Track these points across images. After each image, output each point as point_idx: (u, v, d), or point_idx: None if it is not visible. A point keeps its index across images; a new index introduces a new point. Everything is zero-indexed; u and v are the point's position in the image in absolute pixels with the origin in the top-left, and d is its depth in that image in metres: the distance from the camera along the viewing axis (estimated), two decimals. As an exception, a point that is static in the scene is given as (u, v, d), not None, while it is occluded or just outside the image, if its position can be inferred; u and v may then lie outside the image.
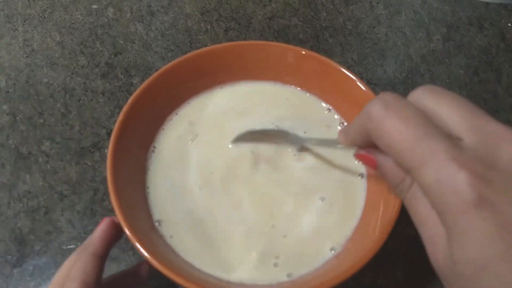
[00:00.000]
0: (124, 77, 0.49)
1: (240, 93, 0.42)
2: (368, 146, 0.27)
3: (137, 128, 0.37)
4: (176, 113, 0.41)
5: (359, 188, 0.37)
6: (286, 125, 0.40)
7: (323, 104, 0.42)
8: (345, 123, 0.40)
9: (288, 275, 0.33)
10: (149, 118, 0.39)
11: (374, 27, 0.53)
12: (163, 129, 0.40)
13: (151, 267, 0.31)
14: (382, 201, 0.34)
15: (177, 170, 0.38)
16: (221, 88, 0.43)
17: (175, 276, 0.29)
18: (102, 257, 0.31)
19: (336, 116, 0.41)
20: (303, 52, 0.40)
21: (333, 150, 0.38)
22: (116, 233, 0.32)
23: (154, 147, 0.39)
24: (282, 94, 0.42)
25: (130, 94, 0.45)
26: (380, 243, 0.31)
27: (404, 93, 0.47)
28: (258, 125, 0.40)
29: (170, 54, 0.50)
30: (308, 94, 0.42)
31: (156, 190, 0.37)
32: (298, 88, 0.42)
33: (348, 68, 0.41)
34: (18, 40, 0.52)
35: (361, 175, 0.37)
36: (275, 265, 0.33)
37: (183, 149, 0.39)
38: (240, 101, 0.42)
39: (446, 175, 0.21)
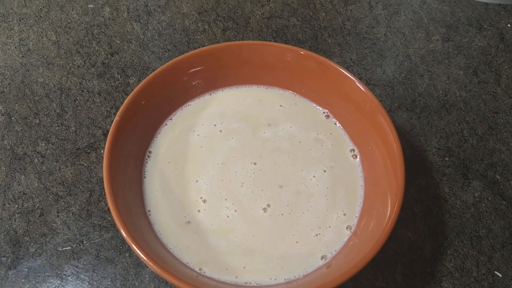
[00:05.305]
0: (120, 77, 0.48)
1: (236, 98, 0.42)
2: None
3: (134, 129, 0.37)
4: (173, 115, 0.41)
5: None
6: (282, 128, 0.40)
7: (320, 108, 0.41)
8: (341, 127, 0.40)
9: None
10: (146, 118, 0.39)
11: (373, 27, 0.52)
12: (159, 132, 0.40)
13: None
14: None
15: (174, 172, 0.38)
16: (221, 91, 0.42)
17: (172, 278, 0.29)
18: None
19: (333, 121, 0.41)
20: (302, 52, 0.40)
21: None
22: None
23: (150, 151, 0.39)
24: (278, 99, 0.42)
25: (127, 94, 0.44)
26: (380, 243, 0.31)
27: (403, 93, 0.47)
28: (255, 130, 0.40)
29: (167, 54, 0.50)
30: (305, 99, 0.42)
31: (153, 191, 0.37)
32: (295, 93, 0.42)
33: (347, 69, 0.40)
34: (13, 39, 0.51)
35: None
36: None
37: (180, 150, 0.39)
38: (236, 106, 0.41)
39: None
